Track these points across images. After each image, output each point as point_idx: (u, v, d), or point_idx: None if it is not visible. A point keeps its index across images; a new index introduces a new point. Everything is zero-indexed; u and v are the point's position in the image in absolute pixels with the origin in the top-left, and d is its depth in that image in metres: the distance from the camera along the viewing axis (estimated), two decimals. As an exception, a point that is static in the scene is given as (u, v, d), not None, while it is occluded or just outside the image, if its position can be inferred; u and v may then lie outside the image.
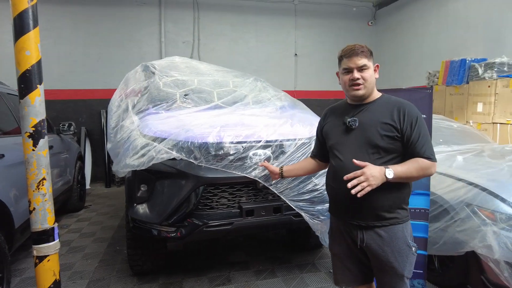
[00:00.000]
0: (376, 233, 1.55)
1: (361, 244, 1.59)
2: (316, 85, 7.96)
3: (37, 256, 1.88)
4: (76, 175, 4.84)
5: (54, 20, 6.37)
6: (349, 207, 1.58)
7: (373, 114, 1.57)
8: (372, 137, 1.53)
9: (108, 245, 3.65)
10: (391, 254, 1.54)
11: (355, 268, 1.70)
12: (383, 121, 1.53)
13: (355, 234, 1.60)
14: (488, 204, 2.28)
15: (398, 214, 1.56)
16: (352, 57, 1.54)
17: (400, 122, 1.51)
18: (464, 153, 3.06)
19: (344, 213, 1.63)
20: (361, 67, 1.54)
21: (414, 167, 1.47)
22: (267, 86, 3.63)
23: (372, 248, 1.57)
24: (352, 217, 1.60)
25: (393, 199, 1.54)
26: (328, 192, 1.73)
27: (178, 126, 2.56)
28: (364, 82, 1.54)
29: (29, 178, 1.86)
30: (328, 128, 1.72)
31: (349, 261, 1.69)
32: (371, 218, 1.55)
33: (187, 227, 2.42)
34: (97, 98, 6.76)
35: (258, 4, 7.50)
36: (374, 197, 1.49)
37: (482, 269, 2.30)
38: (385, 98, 1.62)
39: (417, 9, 6.92)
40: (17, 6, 1.79)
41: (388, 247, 1.54)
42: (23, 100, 1.83)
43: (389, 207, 1.54)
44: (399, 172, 1.44)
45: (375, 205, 1.53)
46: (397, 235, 1.55)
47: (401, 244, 1.55)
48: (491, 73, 4.69)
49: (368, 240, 1.57)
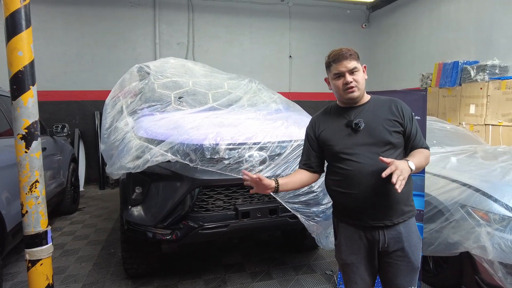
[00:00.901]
0: (396, 230, 1.55)
1: (383, 247, 1.55)
2: (311, 87, 7.98)
3: (30, 260, 1.86)
4: (70, 177, 4.79)
5: (46, 20, 6.31)
6: (372, 208, 1.53)
7: (374, 113, 1.58)
8: (383, 135, 1.54)
9: (102, 248, 3.61)
10: (409, 249, 1.56)
11: (369, 277, 1.63)
12: (388, 117, 1.57)
13: (376, 238, 1.55)
14: (482, 205, 2.30)
15: (411, 206, 1.61)
16: (342, 61, 1.54)
17: (401, 117, 1.59)
18: (457, 154, 3.09)
19: (366, 217, 1.55)
20: (352, 69, 1.54)
21: (423, 157, 1.55)
22: (262, 88, 3.63)
23: (391, 247, 1.55)
24: (377, 219, 1.54)
25: (408, 191, 1.58)
26: (339, 198, 1.63)
27: (173, 128, 2.55)
28: (357, 84, 1.55)
29: (21, 180, 1.84)
30: (328, 135, 1.64)
31: (364, 269, 1.62)
32: (395, 214, 1.54)
33: (183, 229, 2.40)
34: (91, 99, 6.71)
35: (253, 6, 7.51)
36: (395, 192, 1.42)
37: (476, 269, 2.32)
38: (376, 98, 1.67)
39: (410, 12, 6.99)
40: (9, 6, 1.77)
41: (407, 242, 1.55)
42: (16, 101, 1.81)
43: (406, 200, 1.58)
44: (416, 163, 1.48)
45: (398, 200, 1.54)
46: (412, 228, 1.58)
47: (415, 238, 1.59)
48: (483, 75, 4.75)
49: (390, 240, 1.55)
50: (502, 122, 4.46)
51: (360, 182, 1.52)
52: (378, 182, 1.49)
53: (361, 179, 1.52)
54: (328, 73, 1.64)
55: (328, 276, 2.96)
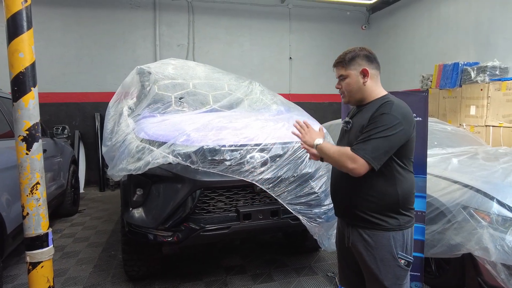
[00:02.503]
0: (360, 234, 1.57)
1: (347, 242, 1.63)
2: (311, 89, 7.99)
3: (31, 263, 1.85)
4: (70, 179, 4.77)
5: (45, 22, 6.30)
6: (341, 204, 1.67)
7: (362, 116, 1.56)
8: (353, 137, 1.53)
9: (103, 250, 3.59)
10: (373, 261, 1.53)
11: (348, 269, 1.75)
12: (363, 123, 1.51)
13: (345, 232, 1.66)
14: (484, 206, 2.30)
15: (382, 221, 1.51)
16: (335, 68, 1.66)
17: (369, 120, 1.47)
18: (458, 156, 3.09)
19: (337, 211, 1.73)
20: (339, 77, 1.63)
21: (337, 149, 1.50)
22: (263, 90, 3.63)
23: (356, 249, 1.59)
24: (341, 214, 1.70)
25: (373, 202, 1.51)
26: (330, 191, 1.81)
27: (174, 129, 2.54)
28: (344, 91, 1.62)
29: (22, 182, 1.83)
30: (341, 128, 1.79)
31: (344, 261, 1.76)
32: (353, 217, 1.59)
33: (184, 231, 2.39)
34: (91, 101, 6.70)
35: (252, 8, 7.52)
36: (353, 196, 1.57)
37: (479, 271, 2.31)
38: (380, 99, 1.55)
39: (410, 13, 7.01)
40: (10, 7, 1.76)
41: (371, 253, 1.53)
42: (17, 103, 1.80)
43: (369, 210, 1.52)
44: (325, 146, 1.55)
45: (359, 206, 1.55)
46: (382, 242, 1.51)
47: (385, 253, 1.51)
48: (483, 76, 4.76)
49: (354, 240, 1.59)
50: (503, 123, 4.46)
51: (335, 178, 1.69)
52: (340, 183, 1.63)
53: (335, 176, 1.68)
54: None
55: (329, 278, 2.95)
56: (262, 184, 2.36)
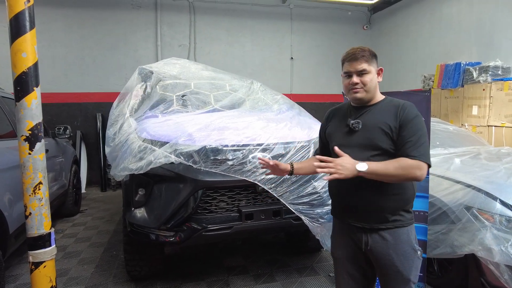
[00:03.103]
0: (380, 236, 1.54)
1: (365, 248, 1.57)
2: (312, 89, 7.98)
3: (33, 262, 1.84)
4: (72, 179, 4.78)
5: (47, 22, 6.31)
6: (353, 209, 1.58)
7: (376, 116, 1.56)
8: (374, 139, 1.52)
9: (104, 250, 3.59)
10: (397, 258, 1.53)
11: (357, 273, 1.67)
12: (387, 122, 1.51)
13: (359, 238, 1.59)
14: (487, 207, 2.29)
15: (402, 216, 1.55)
16: (352, 61, 1.56)
17: (398, 121, 1.50)
18: (461, 156, 3.08)
19: (347, 216, 1.62)
20: (361, 71, 1.55)
21: (393, 165, 1.41)
22: (265, 89, 3.62)
23: (376, 251, 1.55)
24: (356, 219, 1.58)
25: (396, 201, 1.53)
26: (331, 194, 1.72)
27: (176, 129, 2.54)
28: (364, 86, 1.55)
29: (25, 182, 1.83)
30: (331, 130, 1.71)
31: (351, 266, 1.66)
32: (375, 220, 1.54)
33: (186, 231, 2.39)
34: (92, 101, 6.71)
35: (254, 8, 7.52)
36: (377, 198, 1.51)
37: (482, 271, 2.30)
38: (388, 100, 1.61)
39: (411, 13, 7.00)
40: (13, 7, 1.76)
41: (393, 251, 1.53)
42: (19, 102, 1.80)
43: (392, 209, 1.53)
44: (374, 167, 1.39)
45: (378, 207, 1.52)
46: (401, 238, 1.54)
47: (406, 248, 1.54)
48: (485, 76, 4.74)
49: (373, 243, 1.55)
50: (505, 123, 4.45)
51: (343, 181, 1.51)
52: (358, 186, 1.52)
53: (349, 186, 1.54)
54: (342, 70, 1.65)
55: (331, 278, 2.94)
56: (264, 184, 2.36)
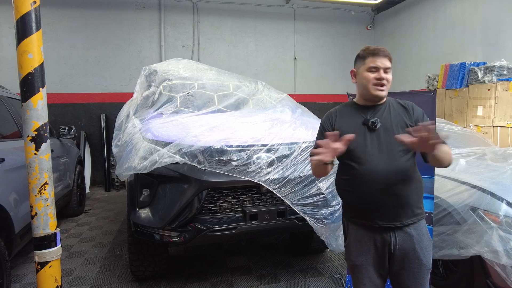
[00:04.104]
0: (406, 233, 1.55)
1: (394, 249, 1.54)
2: (316, 89, 7.97)
3: (39, 262, 1.86)
4: (76, 179, 4.80)
5: (52, 23, 6.35)
6: (382, 209, 1.53)
7: (391, 114, 1.59)
8: (391, 138, 1.53)
9: (109, 250, 3.61)
10: (421, 251, 1.55)
11: (378, 279, 1.61)
12: (404, 120, 1.58)
13: (386, 239, 1.54)
14: (493, 208, 2.27)
15: (421, 209, 1.59)
16: (381, 57, 1.55)
17: (414, 117, 1.59)
18: (466, 156, 3.05)
19: (377, 217, 1.54)
20: (387, 68, 1.56)
21: (445, 149, 1.44)
22: (269, 90, 3.62)
23: (403, 249, 1.54)
24: (387, 219, 1.53)
25: (417, 193, 1.57)
26: (349, 198, 1.63)
27: (181, 130, 2.55)
28: (387, 84, 1.57)
29: (31, 182, 1.84)
30: (344, 131, 1.55)
31: (374, 271, 1.60)
32: (405, 216, 1.54)
33: (190, 231, 2.39)
34: (96, 102, 6.73)
35: (257, 9, 7.52)
36: (406, 193, 1.53)
37: (488, 273, 2.28)
38: (393, 100, 1.67)
39: (415, 13, 6.96)
40: (19, 8, 1.78)
41: (418, 245, 1.55)
42: (26, 103, 1.81)
43: (417, 202, 1.57)
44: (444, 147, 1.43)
45: (410, 201, 1.54)
46: (422, 230, 1.58)
47: (426, 239, 1.58)
48: (490, 76, 4.71)
49: (400, 242, 1.54)
50: (511, 123, 4.42)
51: (371, 181, 1.51)
52: (389, 183, 1.50)
53: (373, 179, 1.51)
54: (359, 65, 1.60)
55: (336, 279, 2.93)
56: (269, 184, 2.36)
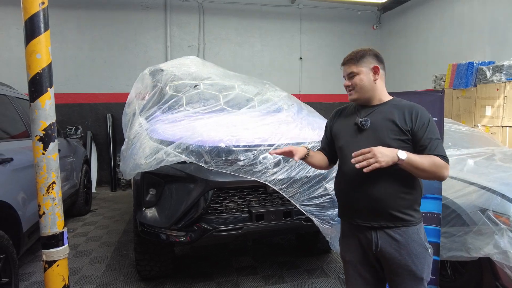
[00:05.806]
0: (390, 236, 1.54)
1: (375, 250, 1.56)
2: (321, 89, 7.94)
3: (46, 261, 1.86)
4: (83, 178, 4.83)
5: (59, 24, 6.40)
6: (362, 208, 1.57)
7: (384, 116, 1.58)
8: (384, 138, 1.53)
9: (115, 249, 3.63)
10: (408, 257, 1.53)
11: (370, 275, 1.66)
12: (395, 123, 1.54)
13: (368, 239, 1.58)
14: (503, 209, 2.24)
15: (411, 216, 1.55)
16: (345, 65, 1.65)
17: (412, 124, 1.52)
18: (474, 157, 3.02)
19: (356, 216, 1.61)
20: (349, 74, 1.62)
21: (427, 160, 1.43)
22: (275, 90, 3.61)
23: (387, 252, 1.54)
24: (364, 219, 1.58)
25: (405, 199, 1.54)
26: (338, 195, 1.72)
27: (187, 129, 2.55)
28: (355, 87, 1.60)
29: (38, 182, 1.85)
30: (338, 128, 1.73)
31: (362, 267, 1.66)
32: (384, 218, 1.54)
33: (196, 231, 2.39)
34: (103, 102, 6.78)
35: (263, 9, 7.52)
36: (387, 196, 1.52)
37: (497, 275, 2.25)
38: (396, 101, 1.64)
39: (422, 12, 6.91)
40: (28, 9, 1.79)
41: (405, 250, 1.53)
42: (34, 103, 1.82)
43: (402, 207, 1.53)
44: (412, 158, 1.40)
45: (387, 205, 1.52)
46: (412, 237, 1.54)
47: (417, 247, 1.54)
48: (499, 76, 4.65)
49: (383, 244, 1.55)
50: (520, 124, 4.36)
51: (348, 180, 1.59)
52: (368, 183, 1.54)
53: (350, 178, 1.59)
54: None
55: (341, 280, 2.92)
56: (275, 184, 2.35)
